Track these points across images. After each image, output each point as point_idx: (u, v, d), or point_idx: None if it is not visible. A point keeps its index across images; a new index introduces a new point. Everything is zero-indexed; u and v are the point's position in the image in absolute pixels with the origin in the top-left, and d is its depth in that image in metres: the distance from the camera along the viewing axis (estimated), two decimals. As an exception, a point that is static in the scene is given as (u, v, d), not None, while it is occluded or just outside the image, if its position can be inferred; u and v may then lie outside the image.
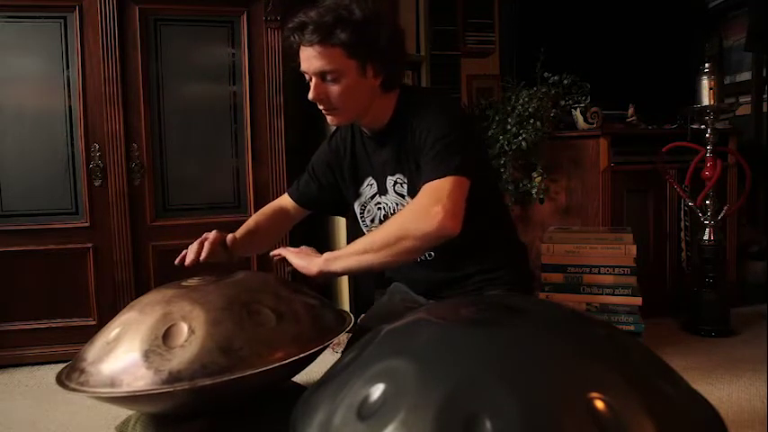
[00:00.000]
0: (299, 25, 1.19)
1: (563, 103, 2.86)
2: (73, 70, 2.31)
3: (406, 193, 1.31)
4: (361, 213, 1.43)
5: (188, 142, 2.46)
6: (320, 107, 1.26)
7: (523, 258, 1.46)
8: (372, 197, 1.39)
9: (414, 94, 1.36)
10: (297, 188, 1.54)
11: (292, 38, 1.21)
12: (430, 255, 1.33)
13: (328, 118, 1.29)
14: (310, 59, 1.20)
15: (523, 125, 2.68)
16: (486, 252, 1.35)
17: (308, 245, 1.47)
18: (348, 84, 1.21)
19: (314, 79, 1.22)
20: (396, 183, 1.33)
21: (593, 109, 2.78)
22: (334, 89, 1.22)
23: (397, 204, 1.34)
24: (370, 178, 1.39)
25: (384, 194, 1.36)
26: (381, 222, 1.37)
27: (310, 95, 1.24)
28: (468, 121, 1.37)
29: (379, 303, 1.51)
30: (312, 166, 1.52)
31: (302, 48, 1.20)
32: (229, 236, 1.34)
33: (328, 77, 1.21)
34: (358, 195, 1.42)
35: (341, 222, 2.58)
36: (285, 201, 1.55)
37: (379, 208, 1.38)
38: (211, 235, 1.31)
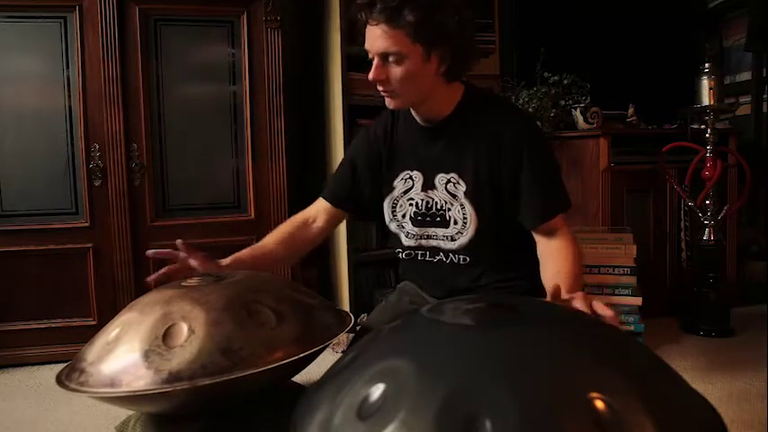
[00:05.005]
0: (368, 3, 1.16)
1: (563, 103, 2.86)
2: (73, 70, 2.31)
3: (462, 196, 1.28)
4: (392, 209, 1.37)
5: (188, 142, 2.46)
6: (379, 88, 1.23)
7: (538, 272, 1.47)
8: (406, 192, 1.35)
9: (487, 96, 1.34)
10: (329, 187, 1.47)
11: (360, 15, 1.19)
12: (464, 259, 1.31)
13: (386, 101, 1.25)
14: (374, 39, 1.18)
15: (523, 125, 2.68)
16: (510, 265, 1.35)
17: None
18: (410, 68, 1.18)
19: (375, 59, 1.19)
20: (449, 181, 1.29)
21: (594, 109, 2.79)
22: (396, 72, 1.19)
23: (445, 202, 1.30)
24: (409, 172, 1.34)
25: (431, 189, 1.32)
26: (413, 219, 1.34)
27: (370, 76, 1.21)
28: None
29: (387, 302, 1.50)
30: (347, 156, 1.46)
31: (368, 26, 1.18)
32: (224, 261, 1.26)
33: (390, 59, 1.18)
34: (390, 189, 1.37)
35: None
36: (313, 208, 1.47)
37: (411, 204, 1.34)
38: (193, 262, 1.21)
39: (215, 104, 2.49)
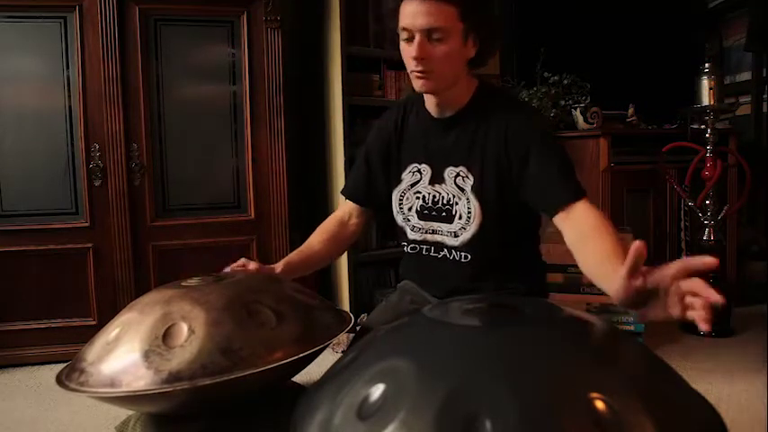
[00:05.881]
0: None
1: (563, 103, 2.87)
2: (73, 70, 2.31)
3: (469, 190, 1.27)
4: (399, 201, 1.37)
5: (188, 142, 2.46)
6: (417, 68, 1.19)
7: (541, 274, 1.46)
8: (413, 185, 1.34)
9: (498, 91, 1.33)
10: (348, 185, 1.49)
11: None
12: (465, 257, 1.30)
13: (419, 83, 1.22)
14: (419, 15, 1.15)
15: (523, 125, 2.69)
16: (511, 267, 1.34)
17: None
18: (452, 47, 1.17)
19: (418, 37, 1.16)
20: (458, 175, 1.28)
21: (594, 109, 2.79)
22: (438, 50, 1.17)
23: (453, 196, 1.29)
24: (417, 165, 1.34)
25: (439, 183, 1.31)
26: (419, 212, 1.33)
27: (415, 53, 1.17)
28: None
29: (388, 302, 1.50)
30: (362, 153, 1.46)
31: (411, 2, 1.15)
32: (277, 266, 1.30)
33: (435, 36, 1.16)
34: (399, 182, 1.37)
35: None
36: (343, 207, 1.49)
37: (418, 197, 1.33)
38: (251, 266, 1.24)
39: (215, 104, 2.49)
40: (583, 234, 1.11)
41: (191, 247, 2.44)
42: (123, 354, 0.92)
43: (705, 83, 2.55)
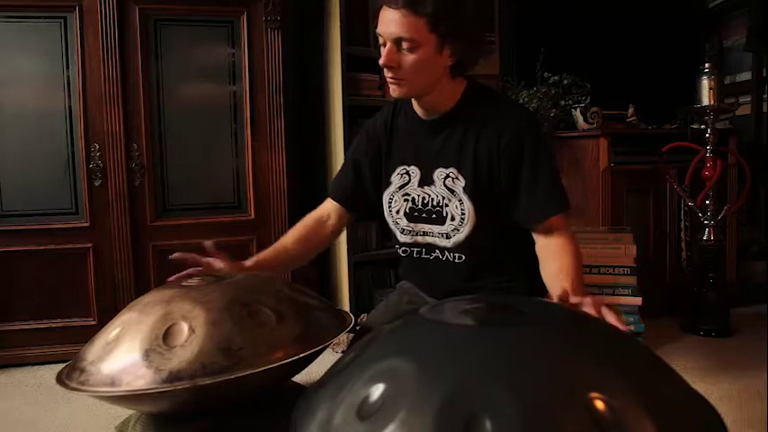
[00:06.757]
0: None
1: (563, 103, 2.87)
2: (73, 70, 2.31)
3: (461, 192, 1.27)
4: (389, 203, 1.37)
5: (188, 142, 2.46)
6: (387, 75, 1.22)
7: (540, 274, 1.47)
8: (402, 187, 1.35)
9: (487, 92, 1.35)
10: (333, 187, 1.47)
11: None
12: (460, 257, 1.31)
13: (392, 88, 1.25)
14: (390, 23, 1.17)
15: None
16: (509, 264, 1.34)
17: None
18: (422, 57, 1.18)
19: (388, 44, 1.19)
20: (448, 177, 1.29)
21: (594, 109, 2.79)
22: (407, 59, 1.19)
23: (443, 198, 1.29)
24: (405, 167, 1.34)
25: (428, 185, 1.31)
26: (408, 214, 1.34)
27: (381, 60, 1.20)
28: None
29: (388, 302, 1.50)
30: (349, 155, 1.46)
31: (386, 9, 1.17)
32: (247, 262, 1.30)
33: (404, 46, 1.18)
34: (388, 184, 1.37)
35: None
36: (324, 207, 1.48)
37: (407, 199, 1.34)
38: (218, 264, 1.24)
39: (215, 104, 2.49)
40: (549, 248, 1.26)
41: (191, 247, 2.42)
42: (123, 353, 0.92)
43: (705, 83, 2.55)
